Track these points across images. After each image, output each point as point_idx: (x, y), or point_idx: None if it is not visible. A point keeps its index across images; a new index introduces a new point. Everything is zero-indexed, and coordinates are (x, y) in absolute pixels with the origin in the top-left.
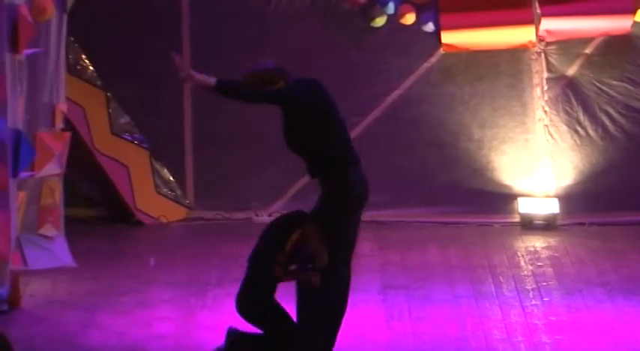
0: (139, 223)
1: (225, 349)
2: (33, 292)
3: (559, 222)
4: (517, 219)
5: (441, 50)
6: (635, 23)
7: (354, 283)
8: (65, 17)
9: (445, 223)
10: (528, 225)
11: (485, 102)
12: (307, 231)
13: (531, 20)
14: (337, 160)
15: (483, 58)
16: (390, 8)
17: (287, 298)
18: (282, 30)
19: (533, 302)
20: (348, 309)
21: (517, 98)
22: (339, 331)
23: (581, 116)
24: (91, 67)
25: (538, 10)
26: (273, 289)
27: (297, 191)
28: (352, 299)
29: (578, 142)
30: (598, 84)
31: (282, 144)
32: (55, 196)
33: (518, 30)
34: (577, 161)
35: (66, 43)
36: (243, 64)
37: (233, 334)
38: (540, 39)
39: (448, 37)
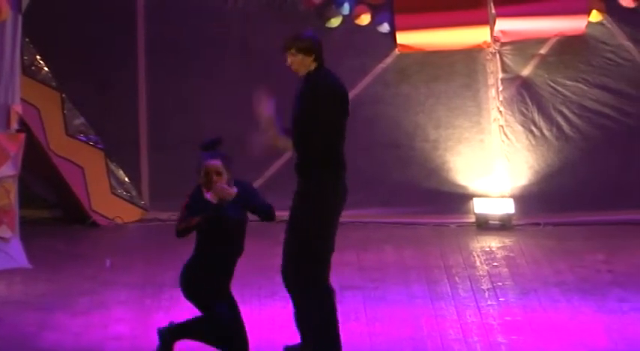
0: (95, 224)
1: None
2: None
3: (514, 222)
4: (472, 219)
5: (397, 51)
6: (590, 24)
7: None
8: (20, 18)
9: (401, 224)
10: (484, 225)
11: (441, 102)
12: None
13: (486, 21)
14: (322, 162)
15: (438, 58)
16: (346, 9)
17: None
18: (239, 30)
19: (489, 302)
20: None
21: (472, 99)
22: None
23: (536, 116)
24: (45, 68)
25: (493, 11)
26: None
27: None
28: None
29: (534, 142)
30: (553, 84)
31: (238, 146)
32: (10, 197)
33: (473, 30)
34: (532, 161)
35: (21, 43)
36: (199, 64)
37: (162, 333)
38: (495, 39)
39: (403, 38)
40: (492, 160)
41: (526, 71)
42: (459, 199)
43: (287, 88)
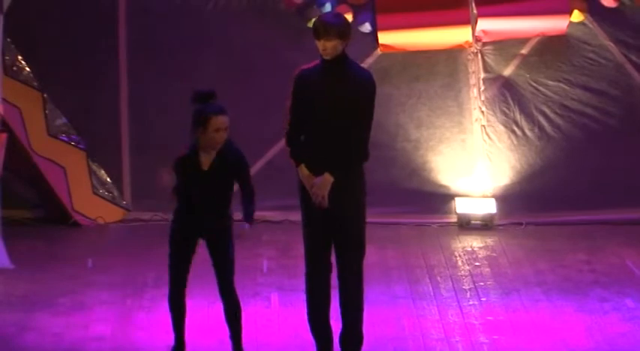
0: (76, 224)
1: None
2: None
3: (496, 222)
4: (454, 219)
5: (378, 51)
6: (571, 24)
7: (291, 284)
8: (1, 18)
9: (382, 224)
10: (466, 225)
11: (422, 102)
12: None
13: (468, 21)
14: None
15: (420, 58)
16: (327, 9)
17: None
18: (220, 30)
19: (471, 302)
20: (286, 309)
21: (454, 98)
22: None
23: (518, 116)
24: (27, 68)
25: (474, 11)
26: None
27: (234, 192)
28: (290, 300)
29: (515, 142)
30: (534, 84)
31: None
32: None
33: (455, 30)
34: (514, 161)
35: (2, 44)
36: (180, 64)
37: None
38: (477, 39)
39: (385, 38)
40: (474, 160)
41: (508, 71)
42: (440, 199)
43: (267, 88)
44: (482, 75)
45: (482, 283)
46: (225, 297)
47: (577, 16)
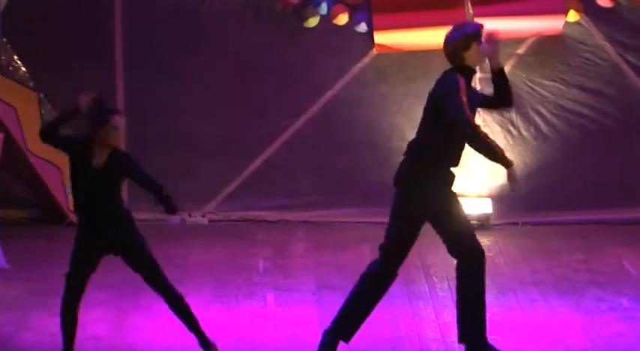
0: (72, 224)
1: None
2: None
3: (492, 222)
4: None
5: (374, 51)
6: (567, 24)
7: (287, 284)
8: None
9: (379, 224)
10: None
11: (418, 102)
12: None
13: (464, 20)
14: None
15: (416, 58)
16: (323, 9)
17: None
18: (216, 30)
19: None
20: (282, 309)
21: None
22: None
23: (514, 116)
24: (23, 68)
25: (470, 11)
26: None
27: (231, 192)
28: (286, 299)
29: (511, 142)
30: (530, 84)
31: (216, 145)
32: None
33: None
34: None
35: None
36: (176, 63)
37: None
38: None
39: (381, 38)
40: (470, 159)
41: None
42: None
43: (264, 88)
44: (478, 75)
45: None
46: (161, 292)
47: (573, 16)
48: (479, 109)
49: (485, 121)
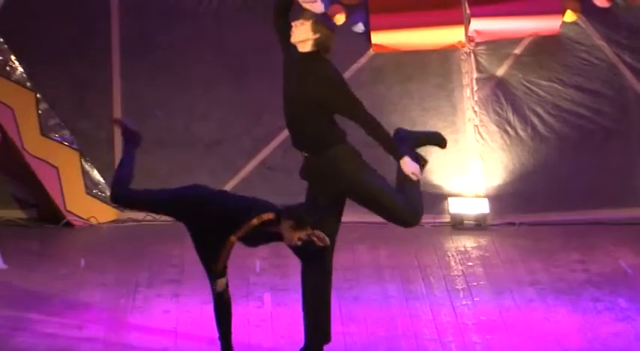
0: (69, 224)
1: None
2: None
3: (489, 222)
4: (447, 219)
5: (371, 51)
6: (564, 24)
7: (284, 284)
8: None
9: (375, 224)
10: (458, 225)
11: (415, 102)
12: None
13: (461, 21)
14: None
15: (413, 58)
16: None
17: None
18: (213, 30)
19: (464, 302)
20: (279, 309)
21: (447, 99)
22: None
23: (511, 116)
24: (20, 68)
25: (467, 11)
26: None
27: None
28: (283, 300)
29: (508, 142)
30: (527, 84)
31: (212, 146)
32: None
33: (448, 30)
34: (507, 161)
35: None
36: (173, 64)
37: None
38: (470, 39)
39: (378, 38)
40: (467, 159)
41: (501, 71)
42: (433, 199)
43: (260, 88)
44: (475, 75)
45: (475, 283)
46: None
47: (570, 16)
48: (477, 108)
49: (482, 121)
